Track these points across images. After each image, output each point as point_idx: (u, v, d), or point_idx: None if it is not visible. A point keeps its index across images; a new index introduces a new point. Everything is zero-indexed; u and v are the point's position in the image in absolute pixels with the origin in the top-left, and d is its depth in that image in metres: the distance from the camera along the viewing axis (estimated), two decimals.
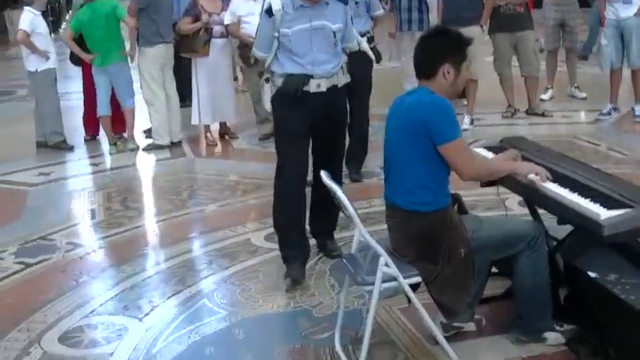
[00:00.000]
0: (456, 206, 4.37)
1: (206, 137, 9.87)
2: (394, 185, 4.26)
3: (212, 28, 9.40)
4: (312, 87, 5.37)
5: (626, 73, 9.65)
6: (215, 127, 10.05)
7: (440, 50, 4.18)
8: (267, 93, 5.46)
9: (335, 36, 5.41)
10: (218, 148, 9.73)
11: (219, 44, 9.50)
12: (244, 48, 9.24)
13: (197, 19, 9.35)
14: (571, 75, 10.79)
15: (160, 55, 9.56)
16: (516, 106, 10.02)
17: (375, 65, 7.50)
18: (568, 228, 4.22)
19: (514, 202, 6.23)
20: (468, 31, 8.77)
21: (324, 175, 4.34)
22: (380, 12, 8.01)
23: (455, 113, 4.12)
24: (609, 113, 9.53)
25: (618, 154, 8.10)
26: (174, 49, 9.73)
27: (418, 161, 4.10)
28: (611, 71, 9.44)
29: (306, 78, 5.36)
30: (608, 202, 3.81)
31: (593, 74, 11.43)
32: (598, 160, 7.54)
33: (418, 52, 4.25)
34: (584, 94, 10.68)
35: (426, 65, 4.20)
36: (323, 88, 5.39)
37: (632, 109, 9.47)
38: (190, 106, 9.88)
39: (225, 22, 9.38)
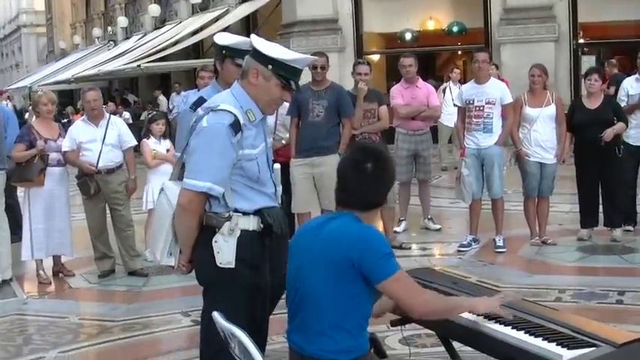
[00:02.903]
0: (372, 350, 3.76)
1: (38, 275, 8.89)
2: (304, 328, 3.62)
3: (48, 156, 8.63)
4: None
5: None
6: (48, 264, 9.08)
7: (391, 180, 3.70)
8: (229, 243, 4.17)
9: None
10: (52, 287, 8.75)
11: (56, 173, 8.73)
12: (84, 177, 8.66)
13: (32, 145, 8.58)
14: (424, 206, 10.49)
15: None
16: None
17: None
18: None
19: (395, 341, 5.69)
20: (328, 160, 8.60)
21: (217, 316, 3.65)
22: None
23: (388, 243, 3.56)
24: (470, 244, 9.22)
25: (491, 287, 7.66)
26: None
27: (338, 300, 3.49)
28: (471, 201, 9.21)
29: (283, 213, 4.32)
30: (566, 341, 3.28)
31: (444, 205, 11.23)
32: None
33: (364, 178, 3.57)
34: (438, 226, 10.40)
35: (377, 195, 3.65)
36: None
37: (493, 240, 9.19)
38: (20, 240, 8.93)
39: (63, 149, 8.68)
